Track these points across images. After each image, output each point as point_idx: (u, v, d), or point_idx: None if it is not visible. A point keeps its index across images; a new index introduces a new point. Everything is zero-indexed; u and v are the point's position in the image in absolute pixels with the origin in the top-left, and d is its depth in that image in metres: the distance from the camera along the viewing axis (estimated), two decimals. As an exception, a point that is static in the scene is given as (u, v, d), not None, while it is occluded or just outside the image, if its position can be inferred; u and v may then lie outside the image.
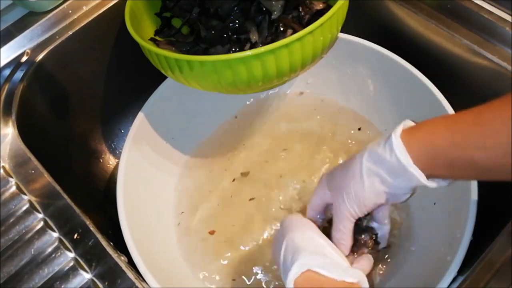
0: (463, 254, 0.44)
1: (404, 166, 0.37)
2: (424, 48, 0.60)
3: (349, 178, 0.42)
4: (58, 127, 0.63)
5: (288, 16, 0.53)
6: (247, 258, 0.56)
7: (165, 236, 0.57)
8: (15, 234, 0.47)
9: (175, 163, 0.64)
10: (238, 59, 0.45)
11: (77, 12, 0.61)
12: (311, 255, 0.38)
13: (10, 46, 0.59)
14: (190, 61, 0.46)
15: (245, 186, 0.62)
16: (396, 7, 0.61)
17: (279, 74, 0.48)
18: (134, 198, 0.54)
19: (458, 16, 0.56)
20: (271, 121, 0.68)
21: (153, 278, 0.46)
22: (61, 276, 0.44)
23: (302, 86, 0.68)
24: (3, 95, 0.57)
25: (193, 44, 0.56)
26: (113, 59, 0.66)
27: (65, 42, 0.60)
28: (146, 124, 0.60)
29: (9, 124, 0.55)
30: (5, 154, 0.52)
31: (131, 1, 0.55)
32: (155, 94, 0.61)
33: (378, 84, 0.62)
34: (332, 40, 0.50)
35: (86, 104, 0.67)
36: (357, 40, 0.61)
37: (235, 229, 0.59)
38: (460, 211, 0.48)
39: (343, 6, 0.48)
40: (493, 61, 0.53)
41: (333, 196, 0.44)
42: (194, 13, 0.57)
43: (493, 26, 0.54)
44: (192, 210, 0.61)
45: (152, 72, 0.56)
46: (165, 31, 0.60)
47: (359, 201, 0.41)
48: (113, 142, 0.72)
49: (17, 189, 0.50)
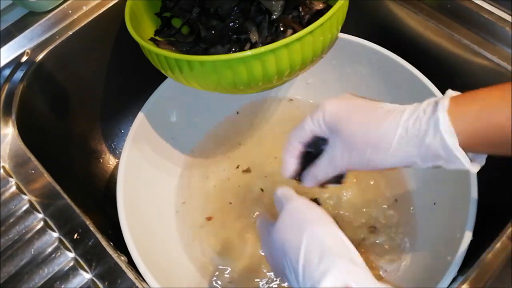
0: (463, 254, 0.43)
1: (448, 150, 0.33)
2: (424, 48, 0.60)
3: (371, 139, 0.36)
4: (58, 127, 0.63)
5: (288, 16, 0.53)
6: (248, 267, 0.56)
7: (165, 236, 0.57)
8: (15, 234, 0.47)
9: (175, 163, 0.64)
10: (238, 59, 0.45)
11: (77, 12, 0.62)
12: (343, 262, 0.33)
13: (10, 46, 0.59)
14: (190, 61, 0.46)
15: (246, 185, 0.62)
16: (396, 7, 0.61)
17: (279, 74, 0.48)
18: (134, 198, 0.54)
19: (458, 16, 0.56)
20: (272, 121, 0.68)
21: (153, 278, 0.46)
22: (61, 276, 0.44)
23: (302, 86, 0.68)
24: (3, 95, 0.57)
25: (193, 44, 0.56)
26: (113, 59, 0.66)
27: (65, 42, 0.60)
28: (146, 124, 0.60)
29: (9, 124, 0.55)
30: (5, 154, 0.52)
31: (131, 1, 0.55)
32: (155, 94, 0.61)
33: (378, 84, 0.62)
34: (332, 40, 0.50)
35: (86, 104, 0.67)
36: (357, 40, 0.61)
37: (237, 229, 0.59)
38: (460, 211, 0.48)
39: (343, 6, 0.48)
40: (493, 61, 0.53)
41: (337, 140, 0.38)
42: (194, 13, 0.57)
43: (493, 26, 0.54)
44: (193, 210, 0.61)
45: (152, 72, 0.56)
46: (165, 31, 0.60)
47: (368, 164, 0.36)
48: (113, 142, 0.72)
49: (17, 189, 0.50)
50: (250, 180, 0.62)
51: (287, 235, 0.37)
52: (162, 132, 0.63)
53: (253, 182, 0.62)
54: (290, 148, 0.42)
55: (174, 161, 0.64)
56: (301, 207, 0.39)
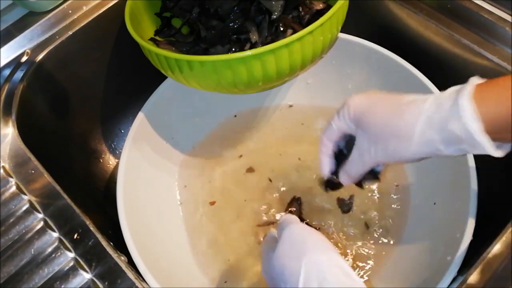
0: (463, 254, 0.43)
1: (471, 135, 0.32)
2: (424, 48, 0.60)
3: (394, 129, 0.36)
4: (58, 127, 0.63)
5: (288, 16, 0.53)
6: (253, 269, 0.56)
7: (165, 236, 0.57)
8: (15, 234, 0.47)
9: (175, 163, 0.64)
10: (238, 59, 0.45)
11: (77, 12, 0.62)
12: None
13: (10, 46, 0.59)
14: (190, 61, 0.46)
15: (246, 184, 0.62)
16: (396, 7, 0.61)
17: (279, 74, 0.48)
18: (134, 198, 0.54)
19: (458, 16, 0.56)
20: (272, 121, 0.68)
21: (153, 278, 0.46)
22: (61, 276, 0.44)
23: (302, 86, 0.68)
24: (3, 95, 0.57)
25: (193, 44, 0.56)
26: (113, 59, 0.66)
27: (65, 42, 0.60)
28: (146, 124, 0.60)
29: (9, 124, 0.55)
30: (5, 154, 0.52)
31: (131, 1, 0.55)
32: (155, 94, 0.61)
33: (378, 84, 0.62)
34: (332, 40, 0.50)
35: (86, 104, 0.67)
36: (357, 40, 0.61)
37: (238, 229, 0.59)
38: (460, 211, 0.48)
39: (343, 6, 0.48)
40: (493, 61, 0.53)
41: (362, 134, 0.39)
42: (194, 13, 0.57)
43: (493, 26, 0.54)
44: (193, 210, 0.61)
45: (152, 72, 0.56)
46: (165, 31, 0.60)
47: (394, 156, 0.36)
48: (113, 142, 0.72)
49: (17, 189, 0.50)
50: (253, 179, 0.62)
51: (286, 261, 0.36)
52: (162, 132, 0.63)
53: (256, 180, 0.62)
54: (323, 148, 0.43)
55: (174, 161, 0.64)
56: (301, 232, 0.38)
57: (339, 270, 0.34)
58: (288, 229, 0.39)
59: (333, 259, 0.35)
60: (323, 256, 0.35)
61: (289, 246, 0.37)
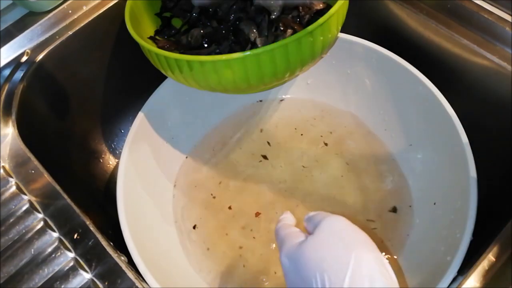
0: (463, 254, 0.44)
1: None
2: (424, 48, 0.60)
3: None
4: (58, 127, 0.63)
5: (288, 16, 0.53)
6: (252, 269, 0.56)
7: (165, 236, 0.57)
8: (15, 234, 0.47)
9: (175, 163, 0.64)
10: (238, 59, 0.45)
11: (77, 12, 0.61)
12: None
13: (10, 46, 0.59)
14: (190, 61, 0.46)
15: (246, 184, 0.62)
16: (396, 7, 0.61)
17: (279, 74, 0.48)
18: (134, 198, 0.54)
19: (458, 16, 0.56)
20: (272, 121, 0.68)
21: (153, 278, 0.46)
22: (61, 276, 0.44)
23: (302, 86, 0.68)
24: (3, 95, 0.57)
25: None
26: (113, 59, 0.66)
27: (65, 42, 0.60)
28: (146, 124, 0.60)
29: (9, 124, 0.55)
30: (5, 154, 0.52)
31: (131, 1, 0.55)
32: (155, 94, 0.61)
33: (378, 84, 0.62)
34: (332, 40, 0.50)
35: (86, 104, 0.67)
36: (357, 40, 0.61)
37: (238, 230, 0.59)
38: (460, 211, 0.48)
39: (343, 6, 0.48)
40: (493, 61, 0.53)
41: None
42: (194, 13, 0.57)
43: (493, 26, 0.54)
44: (193, 209, 0.61)
45: (152, 72, 0.56)
46: (165, 31, 0.60)
47: None
48: (113, 142, 0.72)
49: (17, 189, 0.50)
50: (252, 177, 0.62)
51: (331, 251, 0.34)
52: (162, 132, 0.63)
53: (254, 179, 0.62)
54: None
55: (174, 161, 0.64)
56: (346, 226, 0.36)
57: (384, 271, 0.33)
58: (330, 219, 0.37)
59: (381, 259, 0.34)
60: (372, 254, 0.33)
61: (333, 237, 0.35)
